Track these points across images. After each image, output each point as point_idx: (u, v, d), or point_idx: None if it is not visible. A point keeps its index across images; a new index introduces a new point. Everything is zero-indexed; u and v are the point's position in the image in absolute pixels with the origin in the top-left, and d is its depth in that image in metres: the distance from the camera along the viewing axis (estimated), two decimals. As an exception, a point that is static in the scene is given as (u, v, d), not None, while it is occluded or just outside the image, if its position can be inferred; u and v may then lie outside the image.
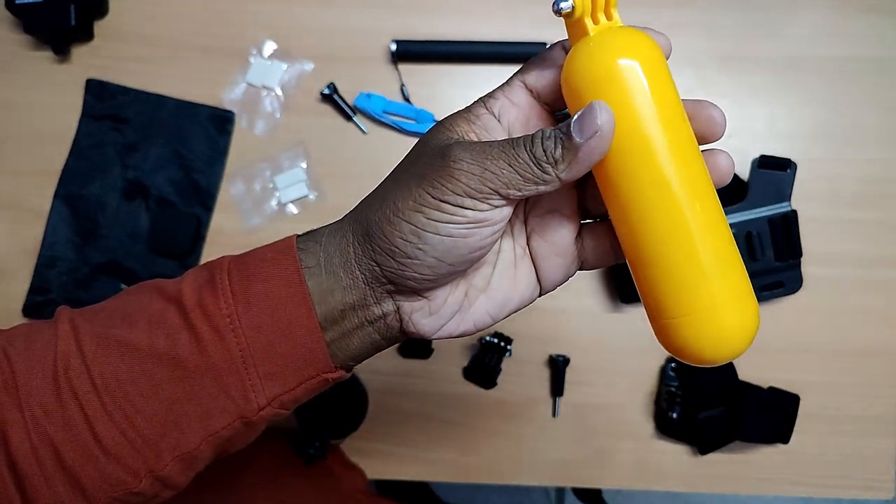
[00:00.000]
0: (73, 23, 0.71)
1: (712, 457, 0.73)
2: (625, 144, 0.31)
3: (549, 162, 0.30)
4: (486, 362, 0.72)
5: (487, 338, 0.72)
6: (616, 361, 0.74)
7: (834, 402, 0.73)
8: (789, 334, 0.73)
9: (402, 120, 0.74)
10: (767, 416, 0.70)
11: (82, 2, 0.71)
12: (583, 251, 0.37)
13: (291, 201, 0.74)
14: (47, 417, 0.34)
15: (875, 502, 0.89)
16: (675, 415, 0.71)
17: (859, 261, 0.74)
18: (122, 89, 0.74)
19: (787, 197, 0.69)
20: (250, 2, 0.75)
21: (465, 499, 1.43)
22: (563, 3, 0.31)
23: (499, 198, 0.31)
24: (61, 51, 0.73)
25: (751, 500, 1.43)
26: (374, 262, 0.33)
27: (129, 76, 0.74)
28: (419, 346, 0.73)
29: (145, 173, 0.74)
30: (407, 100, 0.74)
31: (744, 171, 0.70)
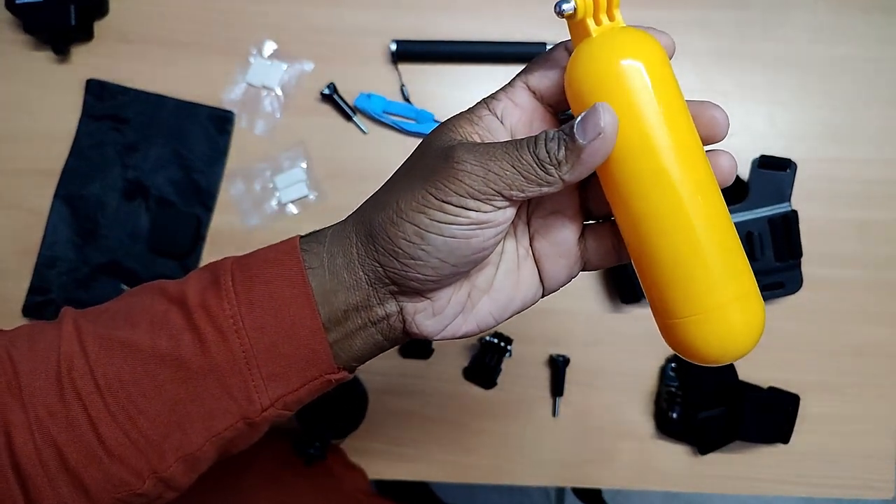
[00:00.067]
0: (73, 23, 0.71)
1: (712, 457, 0.73)
2: (629, 145, 0.31)
3: (553, 163, 0.30)
4: (486, 362, 0.72)
5: (487, 338, 0.72)
6: (616, 361, 0.74)
7: (834, 402, 0.73)
8: (789, 334, 0.73)
9: (402, 120, 0.74)
10: (767, 416, 0.70)
11: (82, 2, 0.71)
12: (586, 252, 0.37)
13: (291, 201, 0.74)
14: (51, 418, 0.34)
15: (875, 502, 0.89)
16: (675, 415, 0.71)
17: (859, 261, 0.74)
18: (122, 89, 0.74)
19: (787, 197, 0.69)
20: (250, 2, 0.75)
21: (465, 499, 1.43)
22: (565, 5, 0.31)
23: (502, 199, 0.31)
24: (61, 51, 0.73)
25: (751, 500, 1.43)
26: (378, 262, 0.33)
27: (129, 76, 0.74)
28: (419, 347, 0.73)
29: (145, 173, 0.74)
30: (407, 100, 0.74)
31: (744, 171, 0.70)
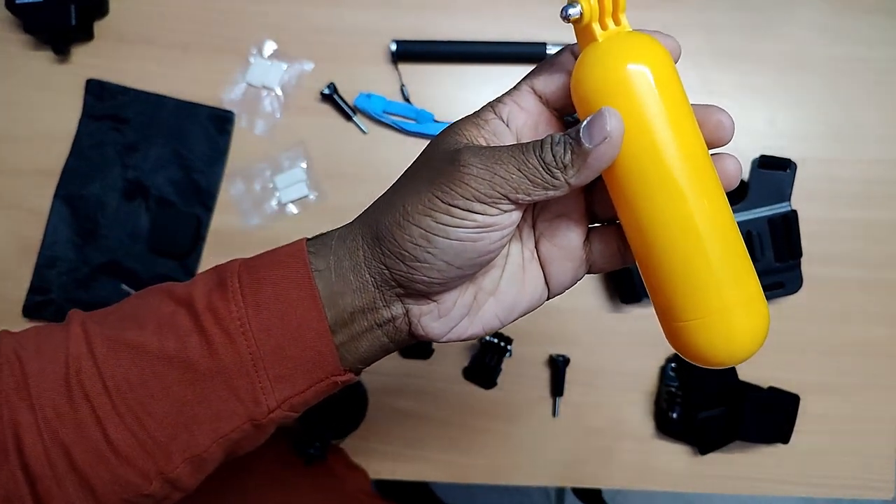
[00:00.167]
0: (73, 23, 0.71)
1: (712, 457, 0.73)
2: (635, 149, 0.31)
3: (559, 167, 0.31)
4: (486, 362, 0.72)
5: (487, 338, 0.72)
6: (616, 361, 0.74)
7: (834, 402, 0.73)
8: (789, 334, 0.73)
9: (402, 120, 0.74)
10: (767, 416, 0.70)
11: (82, 2, 0.71)
12: (591, 255, 0.37)
13: (291, 201, 0.74)
14: (59, 419, 0.34)
15: (875, 502, 0.89)
16: (675, 415, 0.71)
17: (859, 261, 0.74)
18: (122, 89, 0.74)
19: (787, 197, 0.69)
20: (250, 2, 0.75)
21: (465, 499, 1.43)
22: (571, 9, 0.31)
23: (508, 202, 0.31)
24: (61, 51, 0.73)
25: (751, 500, 1.42)
26: (384, 265, 0.33)
27: (129, 76, 0.74)
28: (419, 347, 0.73)
29: (145, 173, 0.74)
30: (407, 100, 0.74)
31: (744, 171, 0.70)
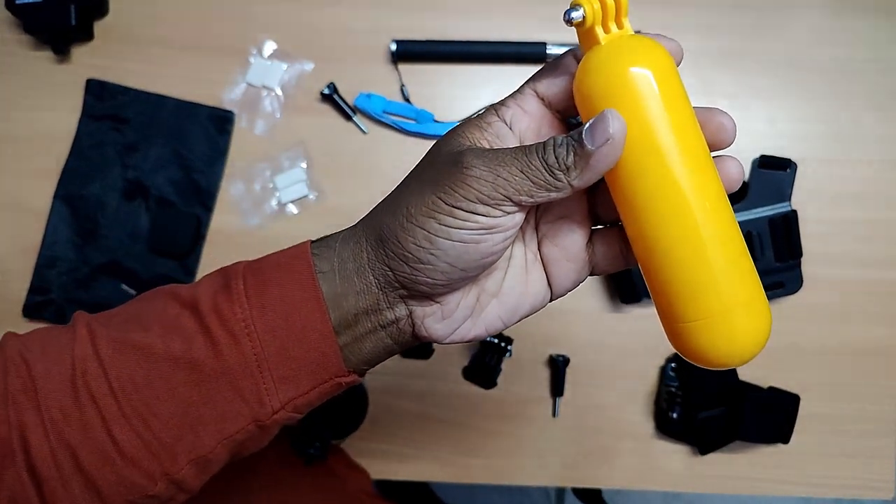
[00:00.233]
0: (73, 23, 0.71)
1: (712, 457, 0.73)
2: (637, 152, 0.31)
3: (562, 169, 0.31)
4: (486, 362, 0.71)
5: (487, 338, 0.72)
6: (616, 361, 0.74)
7: (834, 402, 0.73)
8: (789, 334, 0.73)
9: (402, 120, 0.74)
10: (767, 416, 0.70)
11: (82, 2, 0.71)
12: (593, 256, 0.37)
13: (291, 201, 0.74)
14: (65, 420, 0.34)
15: (875, 502, 0.89)
16: (675, 415, 0.71)
17: (859, 261, 0.74)
18: (122, 89, 0.74)
19: (787, 197, 0.69)
20: (250, 2, 0.75)
21: (465, 499, 1.43)
22: (574, 13, 0.31)
23: (511, 204, 0.31)
24: (61, 51, 0.73)
25: (751, 500, 1.42)
26: (388, 266, 0.34)
27: (129, 76, 0.74)
28: (419, 347, 0.72)
29: (145, 173, 0.74)
30: (407, 100, 0.74)
31: (744, 171, 0.70)
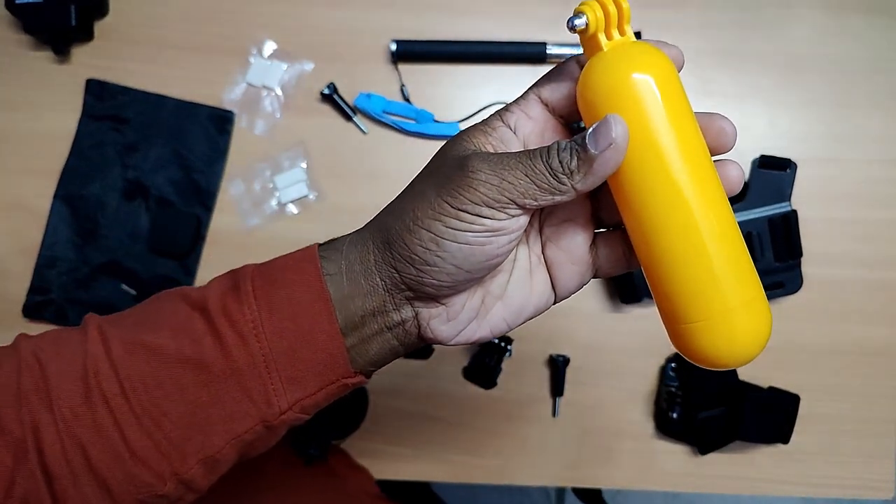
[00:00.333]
0: (73, 23, 0.71)
1: (712, 457, 0.73)
2: (639, 155, 0.31)
3: (565, 172, 0.31)
4: (486, 362, 0.72)
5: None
6: (616, 361, 0.74)
7: (834, 402, 0.73)
8: (789, 334, 0.73)
9: (402, 120, 0.74)
10: (767, 416, 0.70)
11: (82, 2, 0.71)
12: (597, 259, 0.37)
13: (291, 201, 0.74)
14: (76, 420, 0.35)
15: (875, 502, 0.89)
16: (675, 415, 0.71)
17: (859, 261, 0.74)
18: (122, 89, 0.74)
19: (787, 197, 0.69)
20: (250, 2, 0.75)
21: (466, 499, 1.43)
22: (577, 20, 0.32)
23: (515, 207, 0.32)
24: (61, 51, 0.73)
25: (751, 500, 1.43)
26: (394, 268, 0.34)
27: (129, 76, 0.74)
28: (419, 347, 0.73)
29: (145, 173, 0.74)
30: (407, 100, 0.74)
31: (744, 171, 0.70)
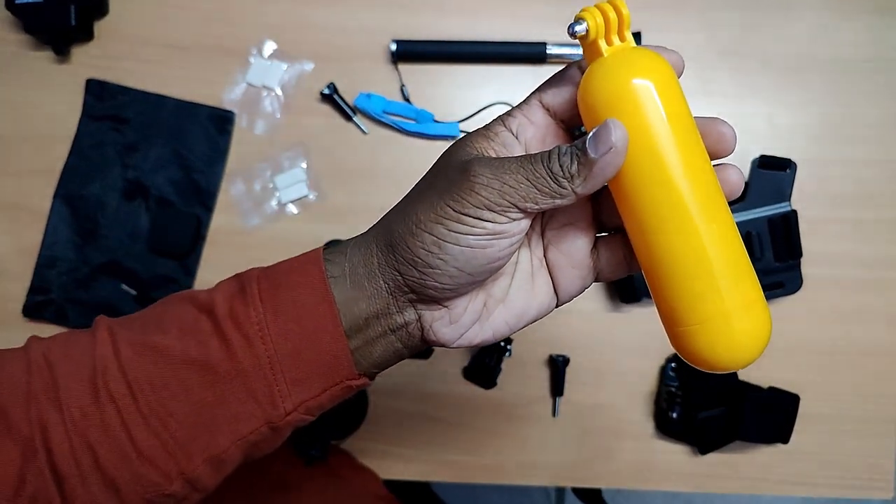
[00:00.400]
0: (73, 23, 0.71)
1: (712, 457, 0.73)
2: (639, 160, 0.32)
3: (566, 177, 0.31)
4: (486, 362, 0.72)
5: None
6: (616, 361, 0.74)
7: (834, 402, 0.73)
8: (789, 334, 0.73)
9: (402, 120, 0.74)
10: (767, 416, 0.70)
11: (82, 2, 0.71)
12: (598, 263, 0.37)
13: (291, 201, 0.74)
14: (85, 420, 0.35)
15: (875, 502, 0.89)
16: (675, 415, 0.71)
17: (859, 261, 0.74)
18: (122, 89, 0.74)
19: (787, 197, 0.69)
20: (250, 2, 0.75)
21: (465, 499, 1.43)
22: (577, 27, 0.32)
23: (517, 211, 0.32)
24: (61, 51, 0.73)
25: (751, 500, 1.43)
26: (397, 271, 0.34)
27: (129, 76, 0.74)
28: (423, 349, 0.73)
29: (145, 173, 0.74)
30: (407, 100, 0.74)
31: (743, 171, 0.70)
